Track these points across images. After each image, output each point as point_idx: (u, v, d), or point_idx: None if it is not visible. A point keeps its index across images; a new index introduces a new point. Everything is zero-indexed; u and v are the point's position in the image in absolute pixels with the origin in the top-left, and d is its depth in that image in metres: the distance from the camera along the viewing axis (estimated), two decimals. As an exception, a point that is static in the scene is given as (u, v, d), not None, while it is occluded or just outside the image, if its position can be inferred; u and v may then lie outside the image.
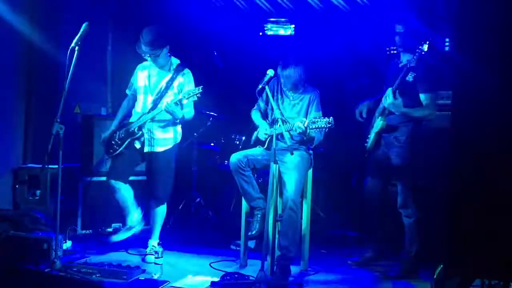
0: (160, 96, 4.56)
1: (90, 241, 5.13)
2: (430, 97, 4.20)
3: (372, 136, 4.46)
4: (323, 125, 4.05)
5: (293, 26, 6.77)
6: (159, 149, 4.59)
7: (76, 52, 4.02)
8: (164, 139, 4.60)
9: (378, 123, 4.38)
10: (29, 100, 5.81)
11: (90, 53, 4.50)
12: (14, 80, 5.66)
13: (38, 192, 5.40)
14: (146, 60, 4.62)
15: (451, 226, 2.42)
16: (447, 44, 5.49)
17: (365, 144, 4.57)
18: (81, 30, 4.08)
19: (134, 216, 4.61)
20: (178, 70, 4.61)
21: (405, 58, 4.39)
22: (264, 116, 4.61)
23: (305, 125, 4.14)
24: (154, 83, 4.62)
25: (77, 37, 4.05)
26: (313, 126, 4.09)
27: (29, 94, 5.81)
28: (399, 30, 4.38)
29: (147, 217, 4.83)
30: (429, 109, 4.20)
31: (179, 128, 4.70)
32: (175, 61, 4.68)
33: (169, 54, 4.62)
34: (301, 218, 4.42)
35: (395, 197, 4.43)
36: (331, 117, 4.06)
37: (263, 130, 4.50)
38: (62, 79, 5.45)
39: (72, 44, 4.03)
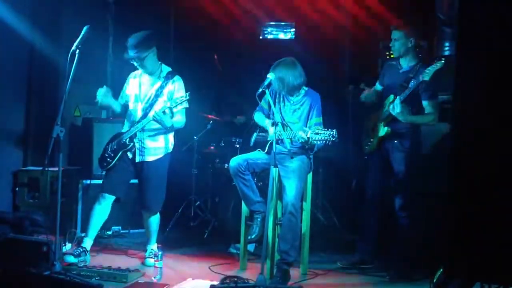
0: (150, 104, 4.51)
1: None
2: (433, 104, 4.32)
3: (375, 140, 4.48)
4: (326, 138, 3.98)
5: (293, 30, 6.79)
6: (150, 158, 4.54)
7: (76, 55, 4.02)
8: (154, 148, 4.54)
9: (383, 130, 4.40)
10: (30, 102, 5.82)
11: (91, 56, 4.50)
12: (14, 83, 5.67)
13: (37, 194, 5.40)
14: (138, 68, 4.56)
15: (451, 229, 2.42)
16: (446, 48, 5.52)
17: (366, 147, 4.58)
18: (82, 33, 4.08)
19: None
20: (168, 77, 4.54)
21: (405, 63, 4.46)
22: (267, 118, 4.58)
23: (308, 136, 4.08)
24: (144, 91, 4.58)
25: (77, 40, 4.06)
26: (317, 138, 4.02)
27: (29, 97, 5.82)
28: (395, 36, 4.44)
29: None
30: (432, 115, 4.32)
31: (170, 137, 4.62)
32: (166, 68, 4.61)
33: (160, 62, 4.57)
34: (301, 222, 4.42)
35: (392, 200, 4.45)
36: (334, 130, 3.99)
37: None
38: (62, 82, 5.50)
39: (73, 48, 4.03)
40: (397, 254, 4.47)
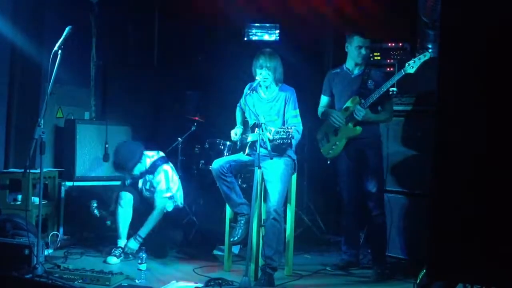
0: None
1: (72, 247, 5.08)
2: (388, 102, 4.53)
3: (341, 143, 4.50)
4: (284, 137, 4.00)
5: (277, 31, 6.79)
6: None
7: (59, 56, 3.99)
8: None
9: (351, 130, 4.43)
10: (11, 103, 5.74)
11: (73, 56, 4.46)
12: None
13: (19, 197, 5.33)
14: None
15: (433, 230, 2.43)
16: (429, 50, 5.55)
17: (330, 151, 4.58)
18: (64, 33, 4.05)
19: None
20: (151, 171, 5.00)
21: (355, 68, 4.58)
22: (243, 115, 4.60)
23: (271, 137, 4.08)
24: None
25: (60, 41, 4.02)
26: (277, 137, 4.03)
27: (11, 98, 5.74)
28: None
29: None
30: (386, 114, 4.53)
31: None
32: (143, 165, 5.00)
33: (141, 160, 4.95)
34: (285, 224, 4.42)
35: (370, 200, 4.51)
36: (292, 127, 4.05)
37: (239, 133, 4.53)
38: (44, 83, 5.44)
39: (55, 48, 4.00)
40: (378, 253, 4.51)
